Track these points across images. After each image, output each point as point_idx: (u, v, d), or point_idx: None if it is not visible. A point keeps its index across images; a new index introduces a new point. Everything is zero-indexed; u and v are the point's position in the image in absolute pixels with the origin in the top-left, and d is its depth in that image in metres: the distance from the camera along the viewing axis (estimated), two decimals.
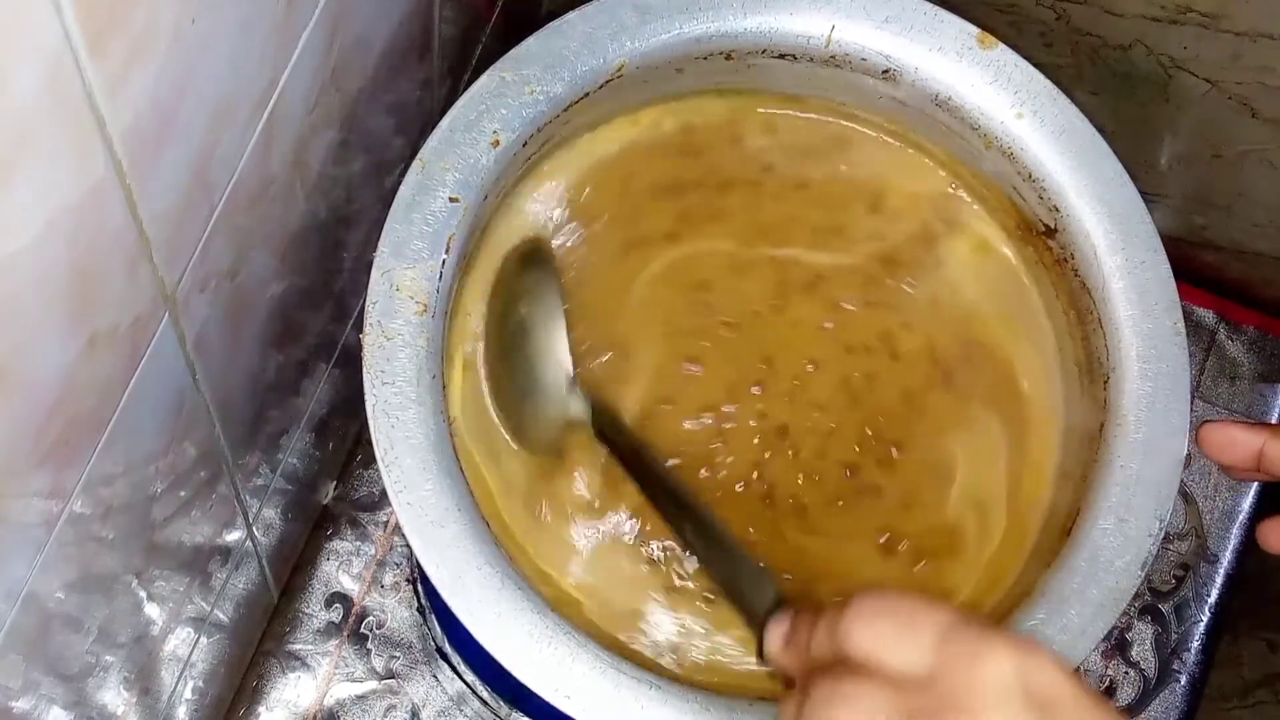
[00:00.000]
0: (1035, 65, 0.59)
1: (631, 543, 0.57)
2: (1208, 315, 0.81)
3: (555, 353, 0.56)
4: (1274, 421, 0.80)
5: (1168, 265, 0.57)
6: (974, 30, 0.59)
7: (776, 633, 0.44)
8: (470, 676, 0.71)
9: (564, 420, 0.56)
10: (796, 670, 0.43)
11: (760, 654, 0.45)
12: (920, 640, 0.39)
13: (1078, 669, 0.58)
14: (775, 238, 0.61)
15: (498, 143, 0.54)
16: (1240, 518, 0.78)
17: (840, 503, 0.58)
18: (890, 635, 0.39)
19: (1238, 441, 0.53)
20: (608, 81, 0.57)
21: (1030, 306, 0.61)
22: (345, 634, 0.72)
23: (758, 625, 0.45)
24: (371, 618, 0.72)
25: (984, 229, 0.62)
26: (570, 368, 0.56)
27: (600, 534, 0.57)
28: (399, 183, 0.53)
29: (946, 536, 0.58)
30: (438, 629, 0.72)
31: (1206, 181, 0.76)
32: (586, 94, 0.56)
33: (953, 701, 0.38)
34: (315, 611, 0.72)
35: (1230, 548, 0.77)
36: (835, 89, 0.60)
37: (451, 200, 0.53)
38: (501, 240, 0.59)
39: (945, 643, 0.39)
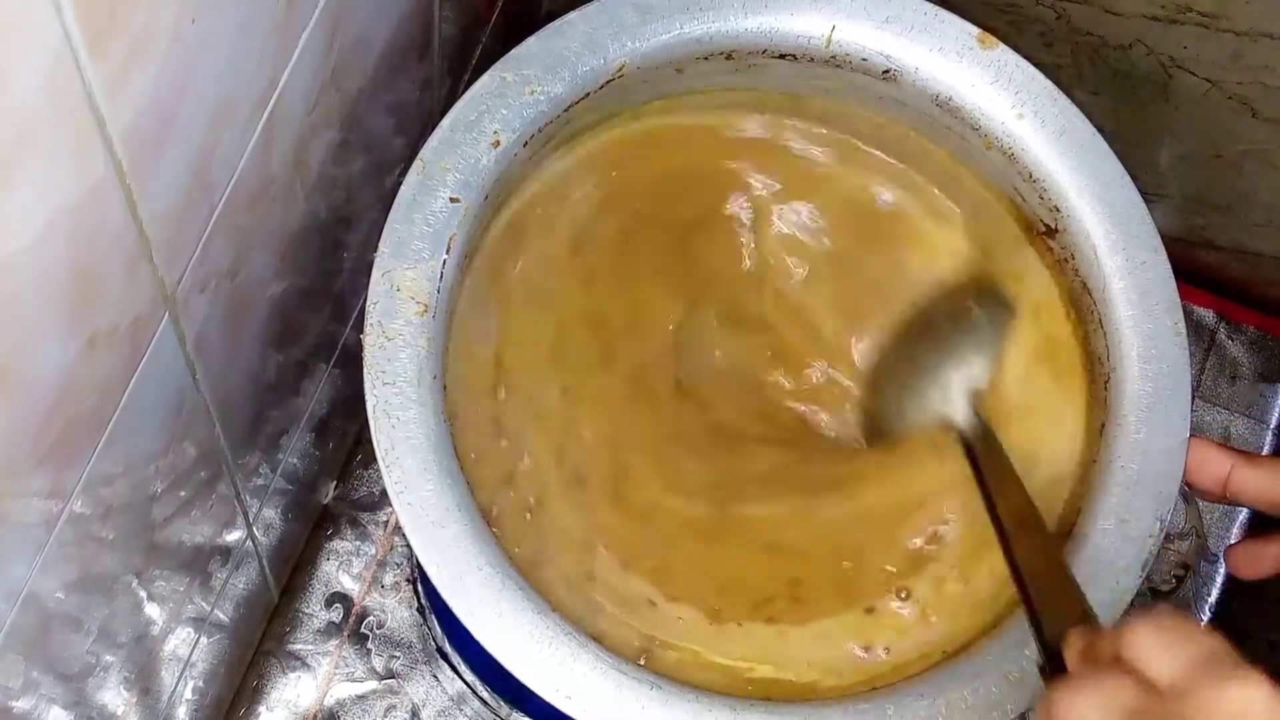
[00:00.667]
0: (1035, 65, 0.59)
1: None
2: (1208, 315, 0.81)
3: (978, 364, 0.59)
4: (1274, 423, 0.80)
5: (1168, 265, 0.57)
6: (974, 30, 0.59)
7: (1080, 640, 0.47)
8: (470, 676, 0.71)
9: (940, 419, 0.58)
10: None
11: (1046, 657, 0.48)
12: (1182, 654, 0.41)
13: None
14: None
15: (498, 143, 0.54)
16: (1240, 518, 0.78)
17: None
18: (1157, 644, 0.41)
19: (1209, 461, 0.55)
20: (608, 82, 0.57)
21: None
22: (345, 634, 0.72)
23: (1056, 636, 0.48)
24: (372, 618, 0.72)
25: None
26: (984, 385, 0.58)
27: None
28: (399, 183, 0.53)
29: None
30: (438, 629, 0.71)
31: (1206, 181, 0.76)
32: (587, 94, 0.56)
33: (1193, 711, 0.39)
34: (315, 611, 0.72)
35: None
36: (836, 89, 0.60)
37: (452, 200, 0.53)
38: None
39: (1204, 663, 0.40)
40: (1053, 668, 0.48)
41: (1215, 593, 0.77)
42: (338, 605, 0.72)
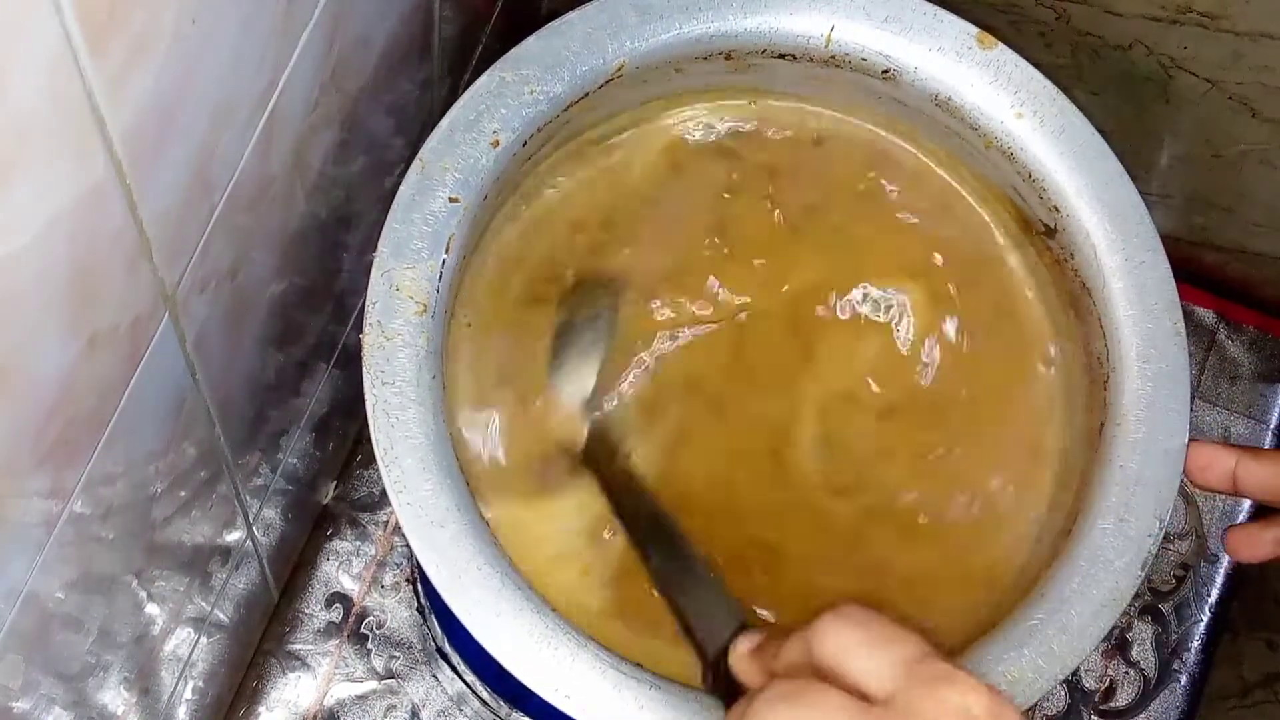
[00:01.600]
0: (1035, 65, 0.59)
1: None
2: (1208, 315, 0.81)
3: (582, 374, 0.57)
4: (1274, 423, 0.80)
5: (1167, 265, 0.57)
6: (973, 30, 0.59)
7: (746, 643, 0.44)
8: (470, 676, 0.71)
9: (558, 444, 0.56)
10: (757, 680, 0.43)
11: (709, 679, 0.46)
12: (887, 657, 0.38)
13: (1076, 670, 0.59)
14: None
15: (497, 143, 0.54)
16: (1240, 518, 0.78)
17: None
18: (858, 645, 0.39)
19: (1215, 461, 0.54)
20: (608, 81, 0.57)
21: None
22: (345, 634, 0.72)
23: (717, 650, 0.46)
24: (371, 618, 0.72)
25: None
26: (589, 390, 0.57)
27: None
28: (399, 183, 0.53)
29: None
30: (438, 629, 0.72)
31: (1206, 181, 0.76)
32: (586, 94, 0.56)
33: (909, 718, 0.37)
34: (315, 611, 0.72)
35: None
36: (835, 89, 0.61)
37: (451, 200, 0.53)
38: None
39: (913, 666, 0.38)
40: (716, 679, 0.45)
41: (1215, 593, 0.77)
42: (337, 605, 0.72)
